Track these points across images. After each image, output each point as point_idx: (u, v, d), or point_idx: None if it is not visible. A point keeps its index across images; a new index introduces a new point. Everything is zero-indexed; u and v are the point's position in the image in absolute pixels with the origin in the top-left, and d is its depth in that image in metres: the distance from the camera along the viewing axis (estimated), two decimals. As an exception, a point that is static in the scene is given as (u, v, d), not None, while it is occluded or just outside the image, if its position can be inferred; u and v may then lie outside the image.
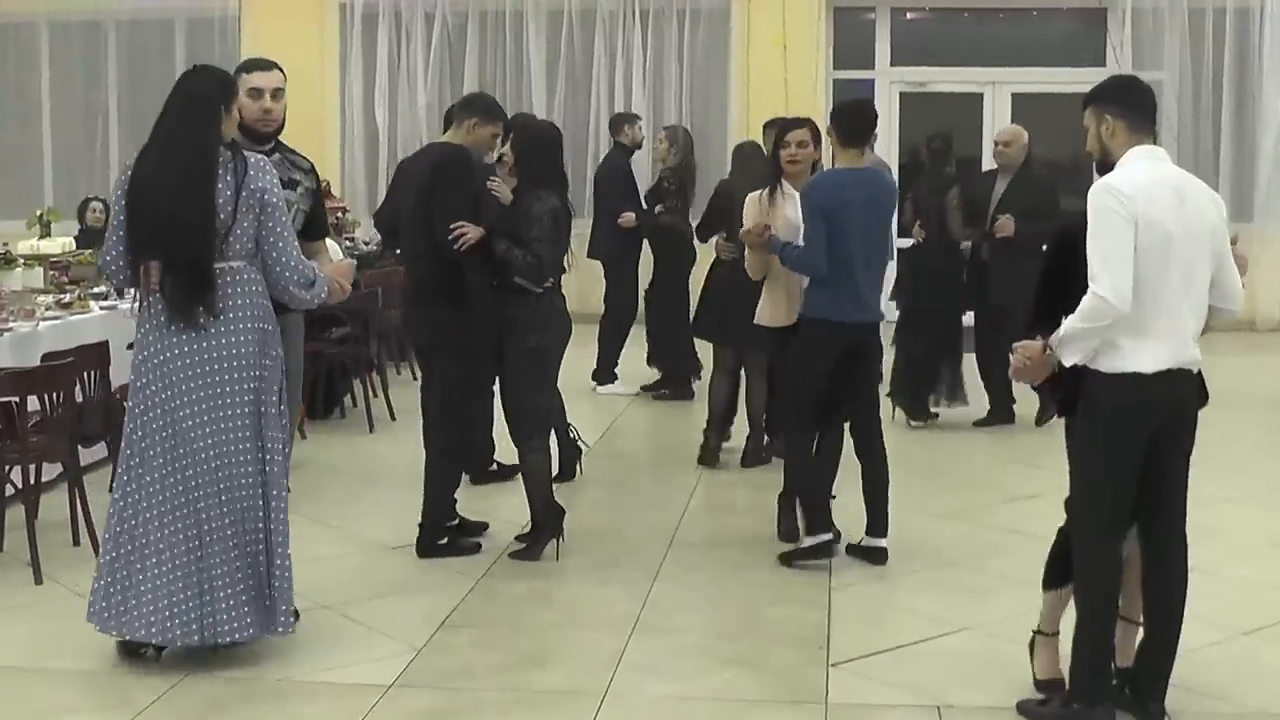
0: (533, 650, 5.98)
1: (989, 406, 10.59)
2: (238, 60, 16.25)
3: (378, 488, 7.72)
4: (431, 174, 7.23)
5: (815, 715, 5.30)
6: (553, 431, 7.94)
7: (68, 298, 9.19)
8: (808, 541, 7.11)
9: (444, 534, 7.31)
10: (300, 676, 5.65)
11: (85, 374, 7.40)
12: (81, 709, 5.36)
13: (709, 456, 9.20)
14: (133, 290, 5.78)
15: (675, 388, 11.62)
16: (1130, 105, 5.09)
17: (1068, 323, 4.91)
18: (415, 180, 7.32)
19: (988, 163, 13.24)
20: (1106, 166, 5.06)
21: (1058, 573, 5.27)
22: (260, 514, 5.63)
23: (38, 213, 11.34)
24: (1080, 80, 15.39)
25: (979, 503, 8.23)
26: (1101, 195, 4.90)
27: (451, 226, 6.97)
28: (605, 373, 11.94)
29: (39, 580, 6.74)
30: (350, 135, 16.83)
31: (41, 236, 10.80)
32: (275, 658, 5.79)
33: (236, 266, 5.55)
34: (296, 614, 5.85)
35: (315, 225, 6.30)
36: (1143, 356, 4.94)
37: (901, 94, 16.80)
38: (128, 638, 5.68)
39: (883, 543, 7.15)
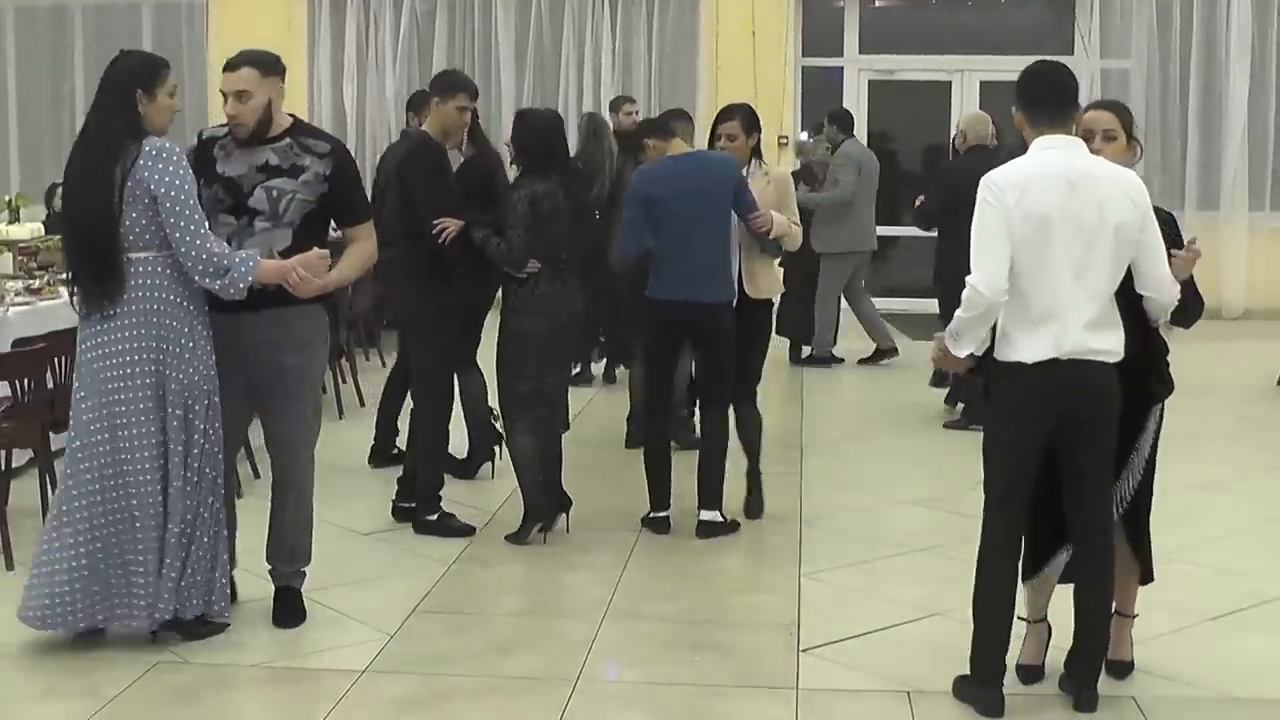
0: (505, 637, 6.00)
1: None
2: (204, 45, 16.25)
3: (348, 474, 7.73)
4: (399, 170, 7.50)
5: (786, 701, 5.33)
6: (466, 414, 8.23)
7: (37, 283, 9.14)
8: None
9: (438, 511, 7.44)
10: (273, 663, 5.66)
11: (56, 360, 7.38)
12: (53, 695, 5.35)
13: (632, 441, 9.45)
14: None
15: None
16: (1027, 98, 5.14)
17: (955, 315, 5.06)
18: (391, 169, 7.44)
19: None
20: None
21: (1028, 562, 5.31)
22: (158, 505, 5.62)
23: (6, 198, 11.26)
24: (1048, 68, 15.52)
25: (949, 489, 8.26)
26: (980, 189, 5.03)
27: (434, 223, 7.14)
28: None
29: (10, 566, 6.73)
30: (318, 119, 16.71)
31: (10, 222, 10.73)
32: (248, 644, 5.80)
33: (140, 258, 5.54)
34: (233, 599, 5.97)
35: (337, 211, 5.99)
36: (1024, 347, 5.03)
37: (870, 82, 16.82)
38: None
39: (705, 515, 7.43)
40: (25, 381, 7.02)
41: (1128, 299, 5.08)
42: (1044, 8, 17.00)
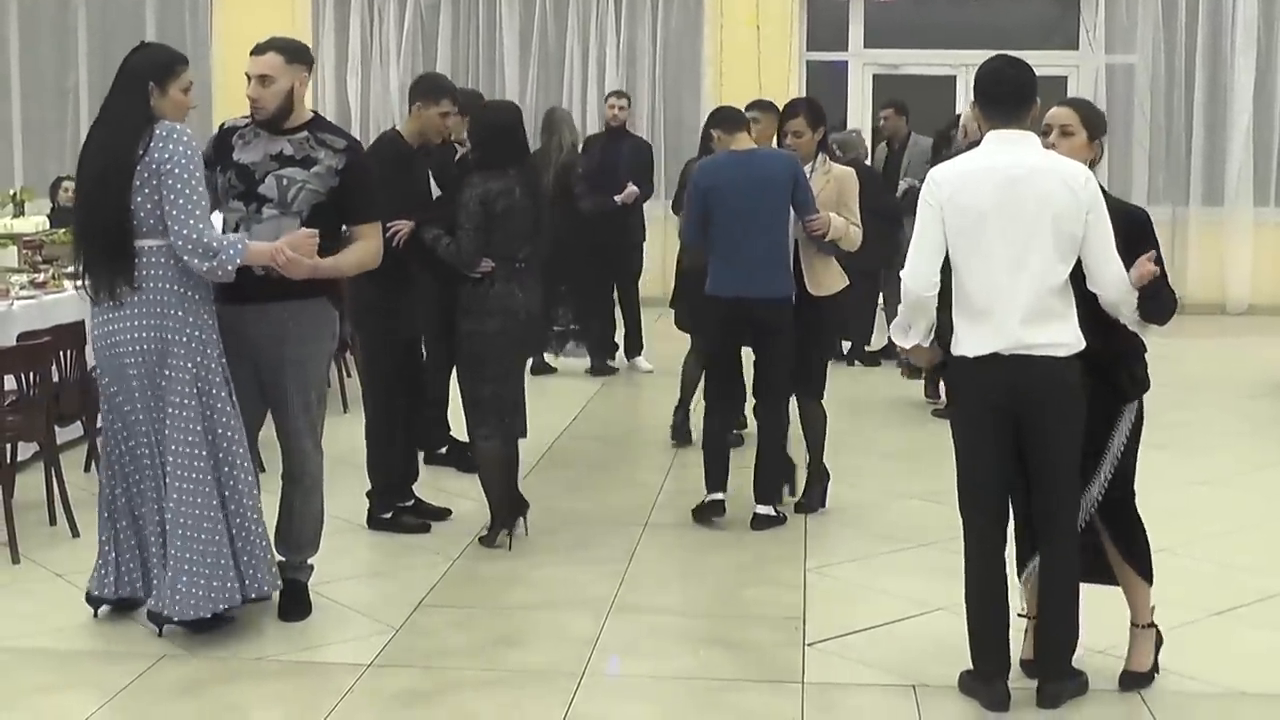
0: (510, 631, 6.02)
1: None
2: (208, 38, 16.23)
3: (352, 467, 7.71)
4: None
5: (792, 695, 5.34)
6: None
7: (42, 277, 9.16)
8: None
9: (391, 509, 7.43)
10: (278, 656, 5.67)
11: (62, 353, 7.39)
12: (60, 688, 5.36)
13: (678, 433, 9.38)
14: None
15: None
16: (983, 94, 5.18)
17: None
18: None
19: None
20: None
21: (1020, 558, 5.34)
22: (157, 486, 5.69)
23: (10, 192, 11.28)
24: (1053, 64, 15.57)
25: (949, 484, 8.18)
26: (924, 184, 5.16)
27: (386, 226, 7.07)
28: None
29: (15, 560, 6.74)
30: (322, 112, 16.67)
31: (15, 216, 10.73)
32: (253, 637, 5.82)
33: (148, 245, 5.58)
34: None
35: (345, 207, 5.95)
36: (966, 341, 5.10)
37: (874, 76, 16.81)
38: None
39: (760, 509, 7.48)
40: (30, 375, 7.03)
41: (1089, 294, 5.09)
42: (1049, 3, 17.00)
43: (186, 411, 5.62)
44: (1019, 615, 5.35)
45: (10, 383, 7.10)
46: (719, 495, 7.52)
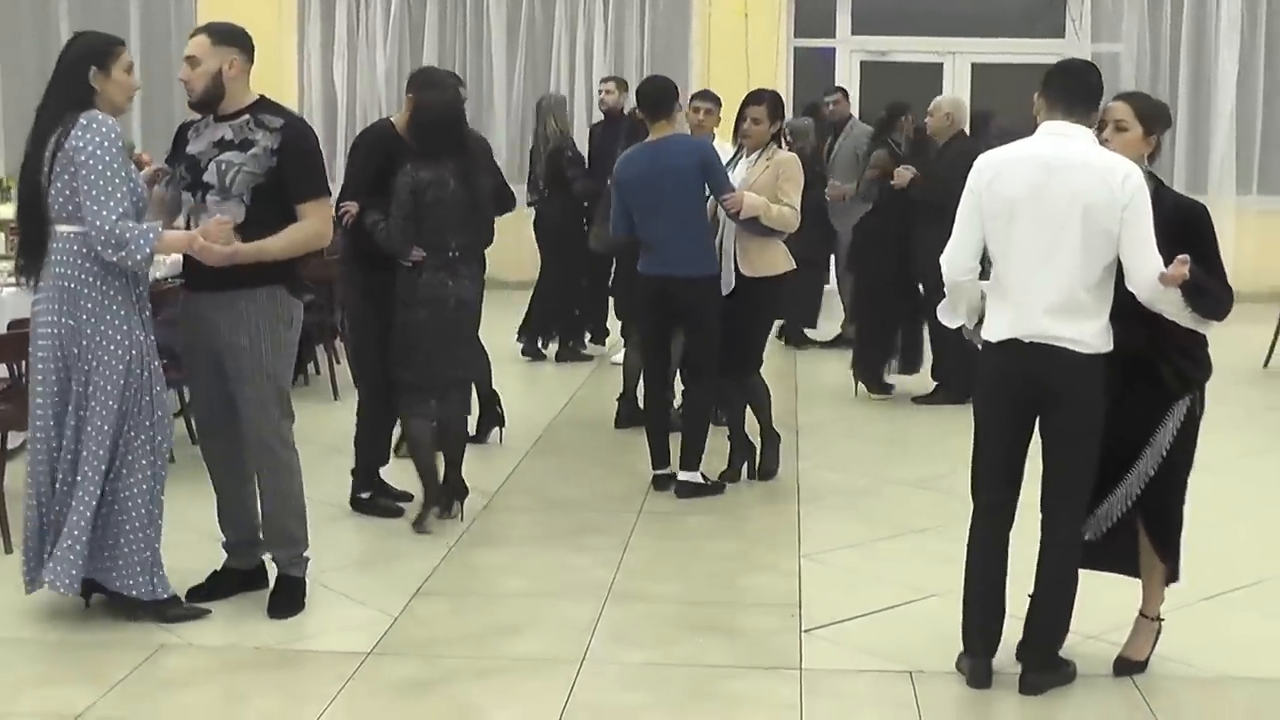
0: (508, 618, 6.03)
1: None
2: (193, 26, 16.20)
3: (344, 455, 7.71)
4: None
5: (790, 681, 5.37)
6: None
7: (31, 264, 9.10)
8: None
9: (369, 488, 7.50)
10: (278, 645, 5.67)
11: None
12: (57, 681, 5.34)
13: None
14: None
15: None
16: (1050, 86, 5.17)
17: None
18: None
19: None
20: None
21: None
22: (46, 468, 5.71)
23: (-5, 178, 11.24)
24: (1039, 51, 15.59)
25: (943, 471, 8.29)
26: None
27: (340, 207, 7.19)
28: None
29: (8, 549, 6.73)
30: (308, 99, 16.75)
31: (1, 203, 10.69)
32: (252, 626, 5.83)
33: (61, 231, 5.59)
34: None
35: (286, 187, 5.83)
36: (991, 325, 5.18)
37: (862, 63, 16.84)
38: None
39: (683, 475, 7.84)
40: (21, 363, 7.01)
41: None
42: (1036, -9, 17.05)
43: (97, 401, 5.61)
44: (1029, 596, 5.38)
45: (1, 370, 7.09)
46: (663, 470, 7.97)
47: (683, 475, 7.82)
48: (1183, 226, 5.07)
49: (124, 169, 5.56)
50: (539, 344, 12.01)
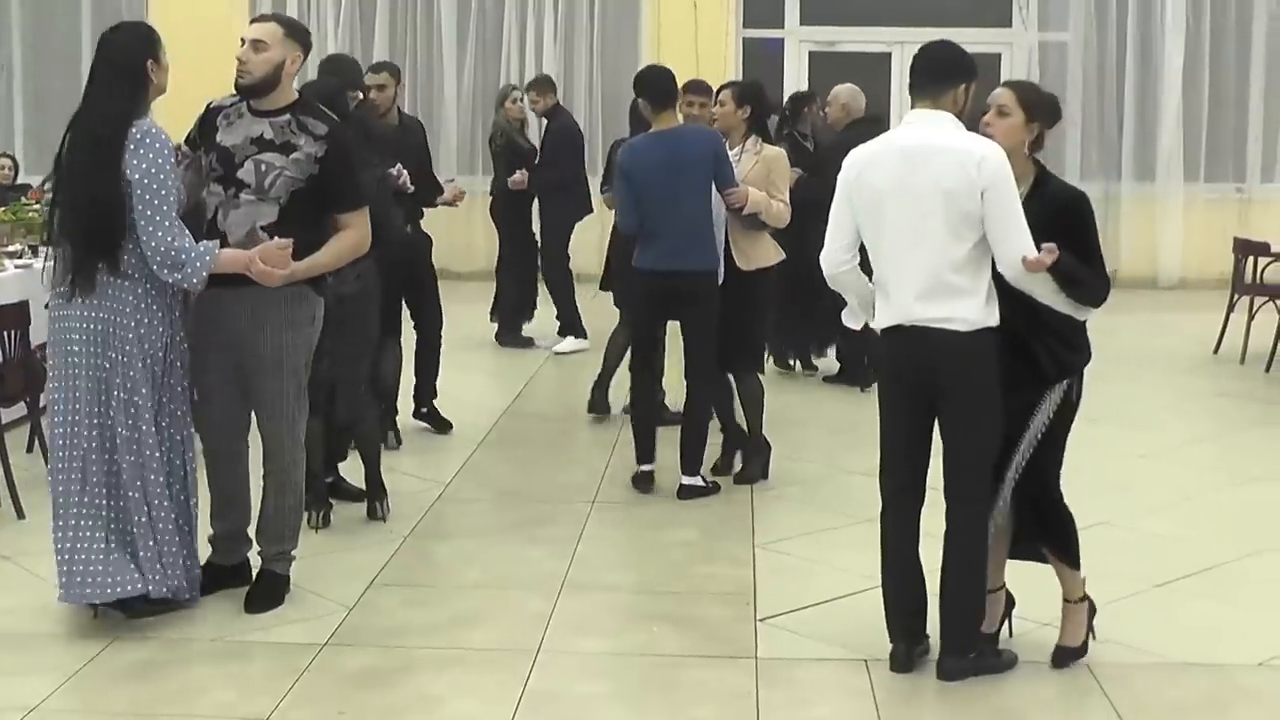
0: (464, 609, 6.03)
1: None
2: (143, 17, 16.03)
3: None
4: None
5: (746, 669, 5.39)
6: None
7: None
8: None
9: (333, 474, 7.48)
10: (233, 637, 5.66)
11: (5, 334, 7.34)
12: (14, 671, 5.33)
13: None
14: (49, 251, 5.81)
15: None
16: (910, 74, 5.24)
17: None
18: None
19: (895, 120, 13.40)
20: None
21: None
22: (100, 478, 5.61)
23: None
24: (987, 41, 15.66)
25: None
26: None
27: None
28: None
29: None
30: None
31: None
32: (207, 618, 5.81)
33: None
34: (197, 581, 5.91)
35: (325, 195, 5.79)
36: (878, 315, 5.27)
37: (810, 53, 16.86)
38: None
39: (685, 480, 7.68)
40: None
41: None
42: (982, -21, 17.09)
43: (135, 399, 5.56)
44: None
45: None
46: (647, 467, 7.79)
47: (686, 480, 7.66)
48: (1060, 213, 5.11)
49: (175, 184, 5.54)
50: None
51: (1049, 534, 5.39)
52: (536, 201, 12.07)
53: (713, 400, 7.90)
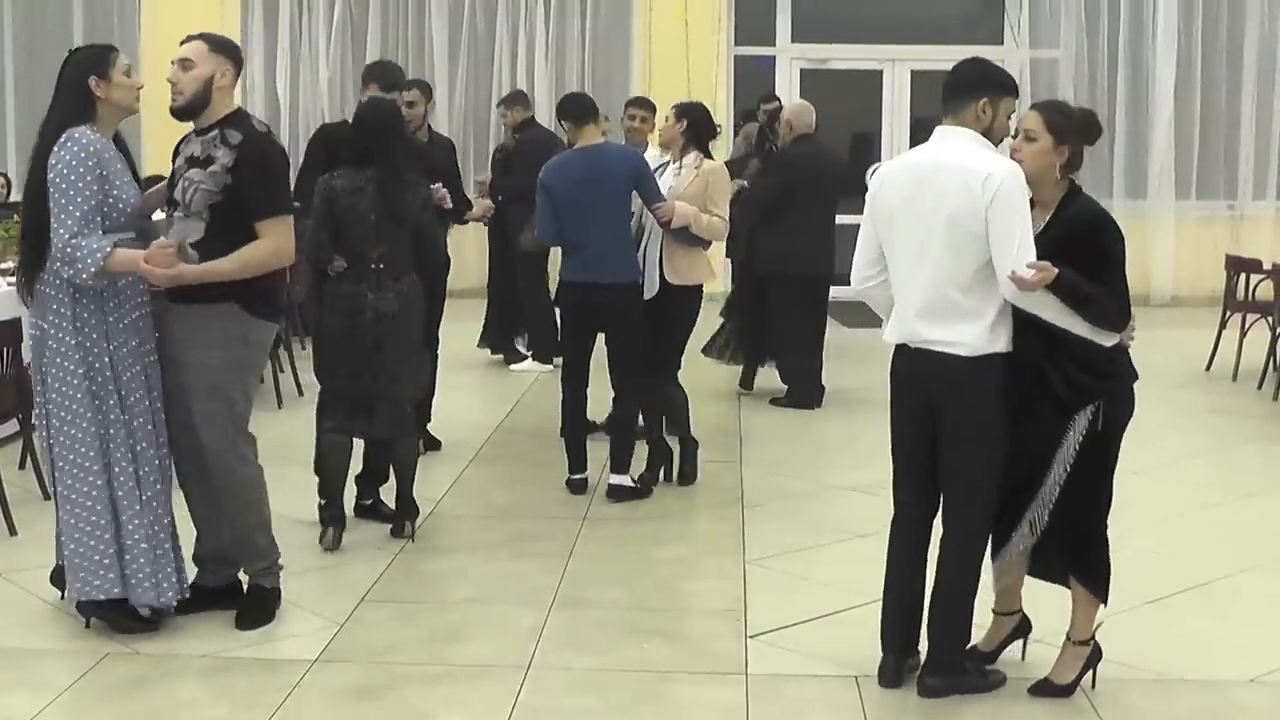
0: (454, 625, 6.03)
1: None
2: (136, 34, 16.06)
3: (289, 464, 7.69)
4: None
5: (736, 685, 5.39)
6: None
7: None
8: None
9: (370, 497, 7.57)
10: (224, 653, 5.65)
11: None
12: (5, 687, 5.31)
13: None
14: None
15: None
16: (944, 88, 5.24)
17: None
18: None
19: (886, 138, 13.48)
20: None
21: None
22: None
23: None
24: (979, 58, 15.65)
25: (885, 476, 8.25)
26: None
27: None
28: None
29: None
30: (252, 107, 16.60)
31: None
32: (198, 634, 5.80)
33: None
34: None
35: (243, 205, 5.71)
36: (889, 330, 5.31)
37: (802, 70, 16.91)
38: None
39: (614, 480, 7.96)
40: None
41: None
42: (975, -2, 17.16)
43: (74, 405, 5.61)
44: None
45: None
46: (578, 475, 8.05)
47: (614, 479, 7.93)
48: (1071, 233, 4.99)
49: (90, 185, 5.52)
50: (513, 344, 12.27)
51: (1083, 569, 5.29)
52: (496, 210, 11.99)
53: (638, 406, 8.12)
